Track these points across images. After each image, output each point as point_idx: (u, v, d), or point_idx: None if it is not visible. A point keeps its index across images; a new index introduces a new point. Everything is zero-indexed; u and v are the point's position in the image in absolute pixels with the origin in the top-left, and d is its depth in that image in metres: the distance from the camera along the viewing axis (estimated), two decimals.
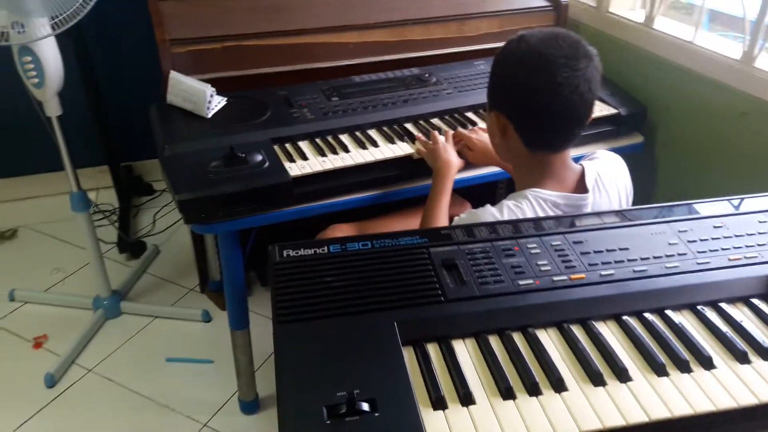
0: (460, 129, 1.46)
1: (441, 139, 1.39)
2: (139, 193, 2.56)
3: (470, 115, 1.58)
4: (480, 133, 1.43)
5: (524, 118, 1.04)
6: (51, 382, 1.74)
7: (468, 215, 1.06)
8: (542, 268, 0.85)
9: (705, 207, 0.99)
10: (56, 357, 1.81)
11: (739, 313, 0.83)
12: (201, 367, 1.81)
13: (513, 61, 1.04)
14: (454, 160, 1.35)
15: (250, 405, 1.67)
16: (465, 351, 0.77)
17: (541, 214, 1.03)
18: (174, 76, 1.48)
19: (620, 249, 0.89)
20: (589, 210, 1.06)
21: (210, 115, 1.47)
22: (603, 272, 0.85)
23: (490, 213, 1.04)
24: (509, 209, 1.03)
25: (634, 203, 1.19)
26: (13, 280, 2.09)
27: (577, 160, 1.15)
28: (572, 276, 0.84)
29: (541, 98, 1.00)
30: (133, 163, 2.59)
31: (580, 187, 1.09)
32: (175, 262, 2.24)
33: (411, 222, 1.50)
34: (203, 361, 1.83)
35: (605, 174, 1.12)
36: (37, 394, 1.71)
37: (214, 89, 1.47)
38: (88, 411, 1.68)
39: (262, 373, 1.76)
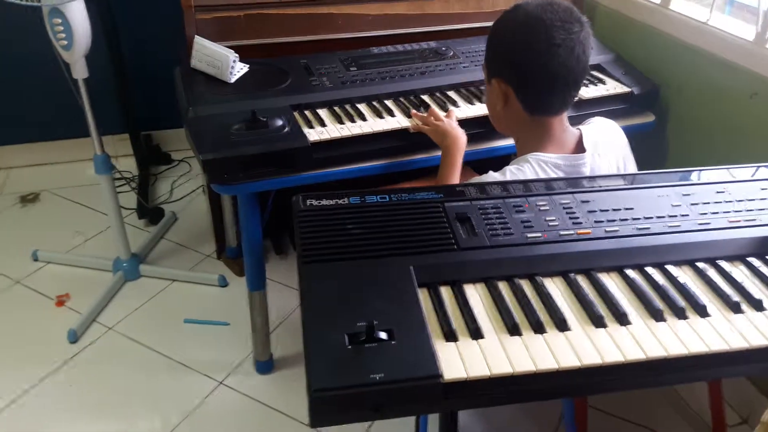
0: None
1: (442, 115, 1.43)
2: (157, 162, 2.62)
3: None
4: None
5: (525, 82, 1.10)
6: (74, 337, 1.81)
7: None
8: (550, 224, 0.90)
9: (709, 174, 1.03)
10: (78, 315, 1.88)
11: (735, 269, 0.87)
12: (217, 329, 1.88)
13: (512, 28, 1.10)
14: (462, 134, 1.39)
15: (265, 365, 1.73)
16: (476, 294, 0.82)
17: (543, 176, 1.08)
18: (199, 40, 1.53)
19: (625, 209, 0.94)
20: (587, 170, 1.12)
21: (232, 81, 1.52)
22: (608, 228, 0.90)
23: (492, 178, 1.09)
24: (511, 173, 1.09)
25: None
26: (36, 241, 2.16)
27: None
28: (579, 231, 0.89)
29: (540, 59, 1.06)
30: (152, 133, 2.65)
31: (579, 148, 1.15)
32: (192, 229, 2.30)
33: None
34: (220, 323, 1.89)
35: (603, 138, 1.18)
36: (60, 349, 1.78)
37: (237, 55, 1.52)
38: (109, 366, 1.75)
39: (277, 335, 1.82)
